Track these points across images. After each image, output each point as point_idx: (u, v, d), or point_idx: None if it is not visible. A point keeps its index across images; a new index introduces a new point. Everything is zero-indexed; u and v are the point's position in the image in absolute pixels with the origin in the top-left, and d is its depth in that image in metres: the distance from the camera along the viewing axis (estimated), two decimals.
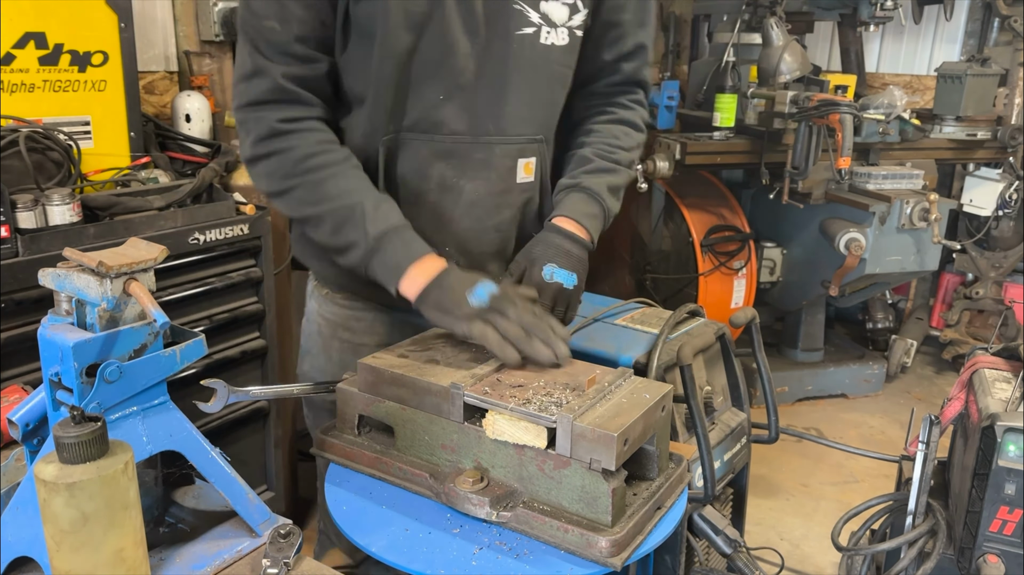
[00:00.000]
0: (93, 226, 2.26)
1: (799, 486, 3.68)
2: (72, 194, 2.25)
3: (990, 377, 1.91)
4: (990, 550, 1.74)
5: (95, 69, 2.53)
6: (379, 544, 1.23)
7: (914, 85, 5.32)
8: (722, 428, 2.35)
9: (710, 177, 4.52)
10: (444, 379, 1.34)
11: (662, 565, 1.90)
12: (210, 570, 1.16)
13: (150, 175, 2.63)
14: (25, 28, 2.38)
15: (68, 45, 2.46)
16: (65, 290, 1.07)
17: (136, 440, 1.10)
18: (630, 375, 1.40)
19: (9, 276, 2.03)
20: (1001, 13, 4.46)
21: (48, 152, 2.36)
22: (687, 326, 2.38)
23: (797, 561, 3.16)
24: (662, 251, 4.47)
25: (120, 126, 2.63)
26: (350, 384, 1.45)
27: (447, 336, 1.56)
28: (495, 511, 1.26)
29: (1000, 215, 4.29)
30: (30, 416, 1.16)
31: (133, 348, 1.08)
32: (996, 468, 1.70)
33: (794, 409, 4.42)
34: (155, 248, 1.11)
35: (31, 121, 2.38)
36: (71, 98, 2.51)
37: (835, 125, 3.57)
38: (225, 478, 1.20)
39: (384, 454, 1.40)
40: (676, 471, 1.39)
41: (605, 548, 1.19)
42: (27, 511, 1.08)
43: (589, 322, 2.37)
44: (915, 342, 4.87)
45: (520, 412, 1.25)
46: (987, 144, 4.39)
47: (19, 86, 2.41)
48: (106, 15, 2.52)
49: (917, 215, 3.86)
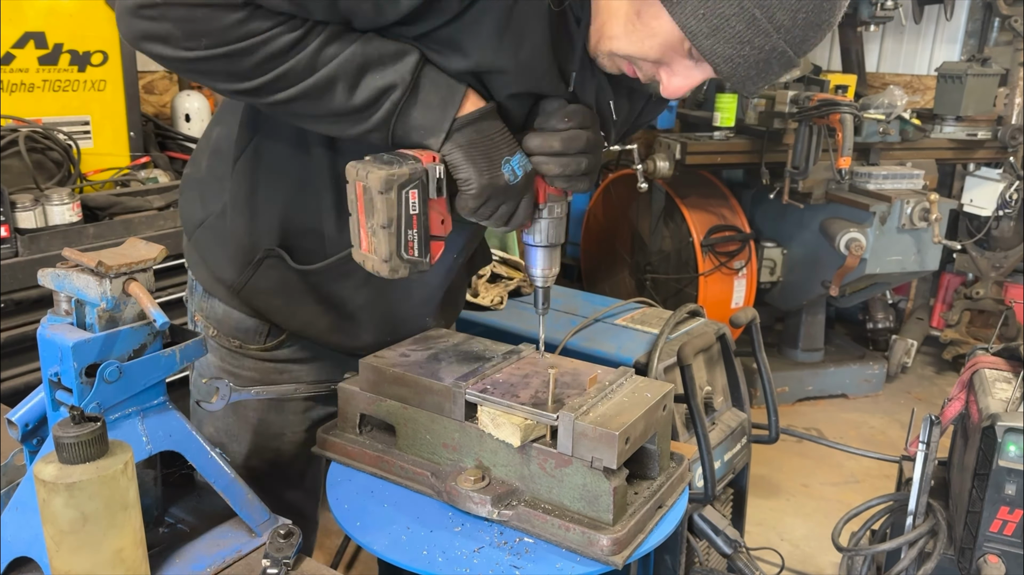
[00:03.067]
0: (93, 226, 2.26)
1: (799, 486, 3.68)
2: (72, 194, 2.25)
3: (990, 377, 1.91)
4: (990, 550, 1.74)
5: (95, 69, 2.53)
6: (381, 543, 1.23)
7: (914, 85, 5.32)
8: (722, 428, 2.35)
9: (710, 177, 4.52)
10: (446, 378, 1.34)
11: (662, 565, 1.90)
12: (210, 570, 1.16)
13: (150, 175, 2.63)
14: (25, 28, 2.38)
15: (68, 45, 2.46)
16: (64, 290, 1.07)
17: (136, 440, 1.09)
18: (631, 374, 1.39)
19: (9, 276, 2.03)
20: (1001, 13, 4.46)
21: (48, 152, 2.36)
22: (687, 326, 2.38)
23: (797, 561, 3.16)
24: (662, 251, 4.47)
25: (120, 126, 2.64)
26: (352, 383, 1.45)
27: (448, 335, 1.56)
28: (496, 510, 1.25)
29: (1000, 215, 4.29)
30: (30, 416, 1.16)
31: (132, 348, 1.08)
32: (996, 468, 1.70)
33: (794, 409, 4.42)
34: (154, 248, 1.11)
35: (31, 121, 2.38)
36: (71, 98, 2.51)
37: (835, 125, 3.57)
38: (225, 478, 1.19)
39: (386, 453, 1.40)
40: (677, 470, 1.39)
41: (606, 546, 1.19)
42: (27, 511, 1.08)
43: (589, 322, 2.37)
44: (915, 342, 4.87)
45: (520, 410, 1.25)
46: (987, 144, 4.39)
47: (19, 86, 2.41)
48: (106, 15, 2.52)
49: (917, 215, 3.86)
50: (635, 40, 1.17)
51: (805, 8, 1.07)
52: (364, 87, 1.18)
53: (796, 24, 1.08)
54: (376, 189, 1.16)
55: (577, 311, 2.48)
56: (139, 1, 1.10)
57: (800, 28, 1.09)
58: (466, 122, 1.21)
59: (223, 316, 1.53)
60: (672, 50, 1.16)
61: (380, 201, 1.16)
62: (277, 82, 1.16)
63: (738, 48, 1.10)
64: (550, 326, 2.23)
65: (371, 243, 1.21)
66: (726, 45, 1.10)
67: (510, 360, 1.43)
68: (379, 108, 1.19)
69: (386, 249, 1.19)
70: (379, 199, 1.16)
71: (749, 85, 1.16)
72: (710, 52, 1.11)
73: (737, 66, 1.12)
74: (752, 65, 1.12)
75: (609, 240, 4.93)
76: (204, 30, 1.10)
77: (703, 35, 1.10)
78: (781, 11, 1.06)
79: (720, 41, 1.10)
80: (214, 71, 1.15)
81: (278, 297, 1.50)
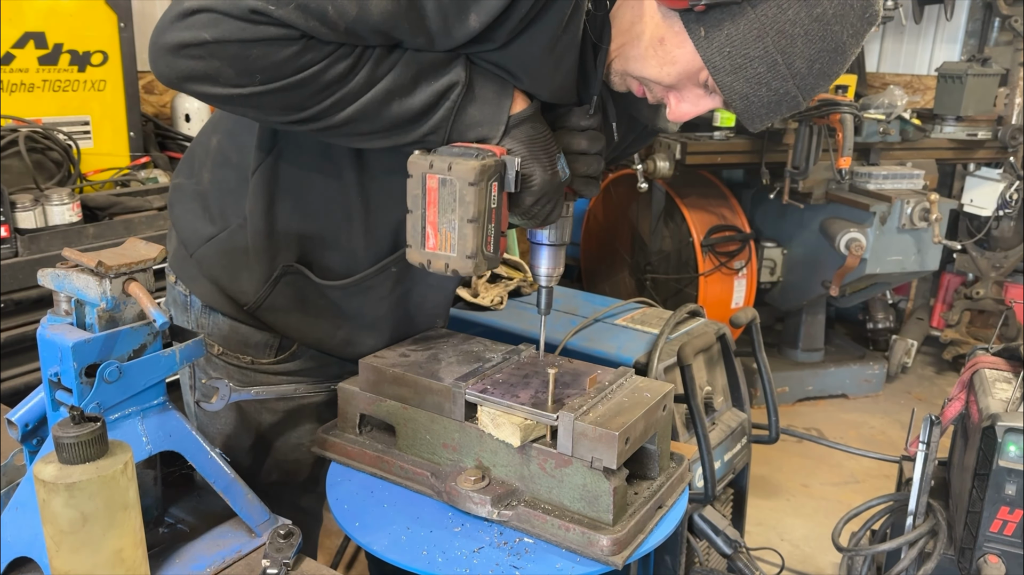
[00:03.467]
0: (92, 226, 2.26)
1: (800, 486, 3.68)
2: (72, 194, 2.25)
3: (991, 377, 1.91)
4: (990, 550, 1.74)
5: (95, 69, 2.53)
6: (381, 543, 1.23)
7: (914, 85, 5.31)
8: (722, 428, 2.35)
9: (710, 177, 4.52)
10: (446, 378, 1.34)
11: (662, 565, 1.90)
12: (210, 570, 1.16)
13: (149, 175, 2.63)
14: (25, 28, 2.38)
15: (68, 45, 2.46)
16: (64, 290, 1.07)
17: (135, 440, 1.09)
18: (631, 374, 1.39)
19: (9, 276, 2.03)
20: (1001, 13, 4.46)
21: (48, 152, 2.36)
22: (687, 326, 2.38)
23: (798, 562, 3.15)
24: (662, 251, 4.47)
25: (120, 126, 2.64)
26: (352, 383, 1.45)
27: (448, 335, 1.56)
28: (496, 510, 1.25)
29: (1000, 215, 4.29)
30: (29, 416, 1.16)
31: (132, 348, 1.08)
32: (996, 468, 1.69)
33: (794, 409, 4.42)
34: (154, 248, 1.10)
35: (31, 121, 2.38)
36: (71, 98, 2.51)
37: (836, 125, 3.57)
38: (224, 479, 1.19)
39: (385, 453, 1.40)
40: (677, 470, 1.39)
41: (606, 546, 1.18)
42: (27, 511, 1.08)
43: (589, 322, 2.37)
44: (915, 342, 4.86)
45: (520, 410, 1.25)
46: (987, 144, 4.39)
47: (19, 86, 2.41)
48: (106, 15, 2.53)
49: (918, 215, 3.86)
50: (654, 65, 1.21)
51: (821, 60, 1.14)
52: (421, 92, 1.17)
53: (811, 72, 1.15)
54: (467, 180, 1.13)
55: (577, 311, 2.48)
56: (182, 39, 1.07)
57: (813, 77, 1.15)
58: (523, 118, 1.22)
59: (229, 332, 1.50)
60: (688, 78, 1.21)
61: (471, 193, 1.13)
62: (333, 107, 1.15)
63: (755, 88, 1.15)
64: (550, 326, 2.23)
65: (448, 239, 1.17)
66: (745, 83, 1.15)
67: (510, 360, 1.43)
68: (439, 108, 1.19)
69: (472, 244, 1.15)
70: (470, 191, 1.13)
71: (756, 122, 1.21)
72: (728, 88, 1.16)
73: (750, 104, 1.17)
74: (764, 105, 1.18)
75: (609, 240, 4.93)
76: (259, 66, 1.08)
77: (725, 71, 1.15)
78: (800, 59, 1.13)
79: (740, 79, 1.15)
80: (267, 105, 1.13)
81: (294, 313, 1.48)
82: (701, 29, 1.13)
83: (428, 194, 1.17)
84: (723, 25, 1.12)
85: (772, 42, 1.11)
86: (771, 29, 1.11)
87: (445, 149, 1.19)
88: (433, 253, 1.19)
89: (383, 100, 1.16)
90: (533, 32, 1.15)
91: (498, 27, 1.12)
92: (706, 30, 1.13)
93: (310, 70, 1.10)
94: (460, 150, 1.17)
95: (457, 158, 1.15)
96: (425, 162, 1.16)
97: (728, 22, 1.12)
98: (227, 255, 1.45)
